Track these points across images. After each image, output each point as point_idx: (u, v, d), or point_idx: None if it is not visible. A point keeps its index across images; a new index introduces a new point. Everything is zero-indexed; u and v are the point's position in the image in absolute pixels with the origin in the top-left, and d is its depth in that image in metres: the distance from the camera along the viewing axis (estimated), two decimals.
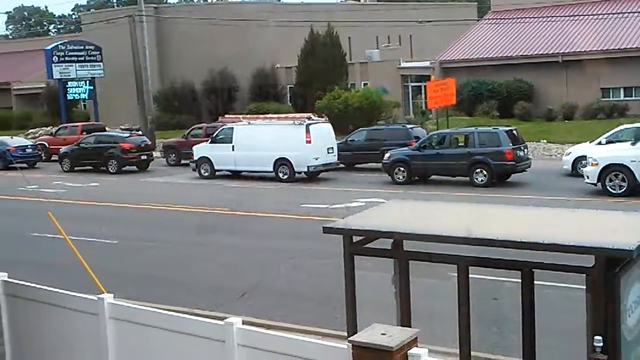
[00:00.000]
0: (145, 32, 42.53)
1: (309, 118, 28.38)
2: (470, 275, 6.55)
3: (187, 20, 48.47)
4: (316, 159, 27.48)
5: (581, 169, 23.70)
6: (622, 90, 41.46)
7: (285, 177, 27.81)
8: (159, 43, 51.20)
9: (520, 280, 6.33)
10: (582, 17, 44.09)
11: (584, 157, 23.75)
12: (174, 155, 35.22)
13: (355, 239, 7.12)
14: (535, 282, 6.31)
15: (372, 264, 7.40)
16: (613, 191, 20.93)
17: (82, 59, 46.74)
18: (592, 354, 5.72)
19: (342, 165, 29.41)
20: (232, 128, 29.29)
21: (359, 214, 7.72)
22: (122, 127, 45.37)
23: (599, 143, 25.03)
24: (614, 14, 43.57)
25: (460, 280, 6.54)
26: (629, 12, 43.20)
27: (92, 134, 36.77)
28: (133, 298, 11.06)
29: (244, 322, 6.66)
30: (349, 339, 5.84)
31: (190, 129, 36.54)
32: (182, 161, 33.89)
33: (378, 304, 7.45)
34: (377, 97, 41.29)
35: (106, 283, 10.43)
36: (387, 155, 26.57)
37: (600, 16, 43.77)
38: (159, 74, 50.32)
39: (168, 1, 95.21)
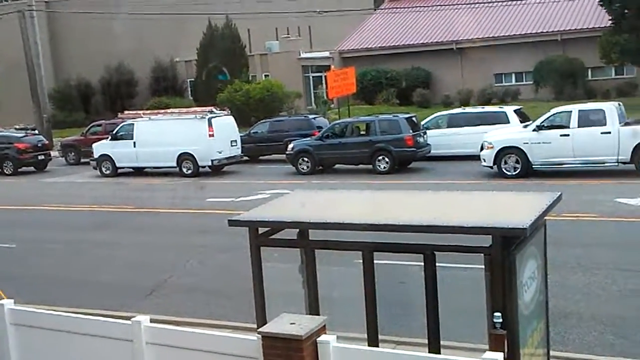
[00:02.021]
0: (36, 27, 41.05)
1: (211, 111, 28.14)
2: (377, 261, 6.69)
3: (80, 15, 47.06)
4: (220, 152, 27.29)
5: None
6: (513, 76, 43.07)
7: (189, 172, 27.50)
8: (52, 39, 49.54)
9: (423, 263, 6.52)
10: (474, 5, 45.43)
11: None
12: (73, 154, 34.30)
13: (261, 230, 7.15)
14: (438, 264, 6.50)
15: (279, 255, 7.45)
16: (508, 173, 21.71)
17: None
18: (492, 329, 5.96)
19: (246, 158, 29.31)
20: (133, 124, 28.73)
21: (263, 206, 7.74)
22: (17, 126, 43.63)
23: None
24: (502, 1, 45.10)
25: (366, 266, 6.68)
26: (516, 0, 44.79)
27: None
28: (35, 302, 10.72)
29: (151, 320, 6.59)
30: (259, 330, 5.88)
31: (89, 126, 35.67)
32: (82, 160, 33.06)
33: (287, 295, 7.51)
34: (278, 88, 41.34)
35: (5, 288, 10.09)
36: (290, 146, 26.67)
37: (491, 4, 45.26)
38: (53, 70, 48.73)
39: None
